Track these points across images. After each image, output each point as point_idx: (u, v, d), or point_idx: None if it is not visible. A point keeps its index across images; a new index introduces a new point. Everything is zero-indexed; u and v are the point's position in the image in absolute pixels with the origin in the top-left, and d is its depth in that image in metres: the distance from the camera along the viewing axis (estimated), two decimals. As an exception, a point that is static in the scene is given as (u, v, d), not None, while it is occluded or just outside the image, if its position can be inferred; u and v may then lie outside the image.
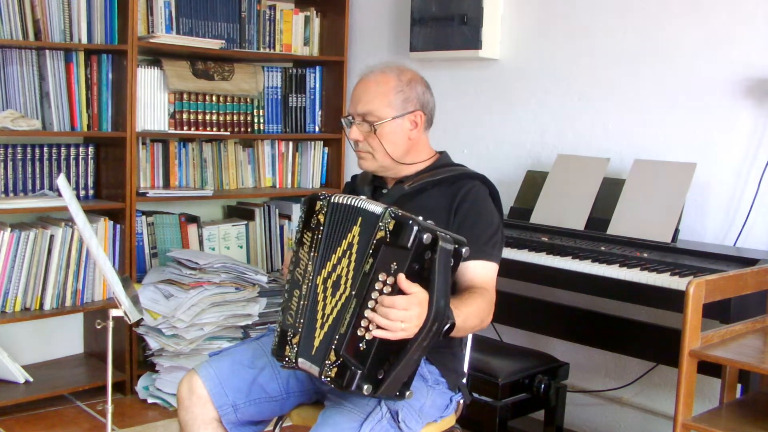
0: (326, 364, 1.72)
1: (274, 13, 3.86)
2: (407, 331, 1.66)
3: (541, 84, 3.30)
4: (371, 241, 1.73)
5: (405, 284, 1.66)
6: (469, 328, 1.89)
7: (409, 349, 1.69)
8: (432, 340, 1.71)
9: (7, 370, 3.25)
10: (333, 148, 4.05)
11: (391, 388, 1.72)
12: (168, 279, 3.32)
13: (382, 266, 1.70)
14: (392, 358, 1.69)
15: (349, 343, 1.70)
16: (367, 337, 1.68)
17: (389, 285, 1.68)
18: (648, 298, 2.45)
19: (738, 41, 2.74)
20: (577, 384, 3.19)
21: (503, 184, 2.71)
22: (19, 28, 3.13)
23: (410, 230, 1.66)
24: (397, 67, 2.11)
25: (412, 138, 2.09)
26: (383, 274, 1.69)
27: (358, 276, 1.74)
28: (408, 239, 1.66)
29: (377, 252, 1.71)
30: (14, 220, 3.27)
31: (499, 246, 2.03)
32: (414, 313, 1.65)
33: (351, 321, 1.71)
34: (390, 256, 1.69)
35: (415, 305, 1.65)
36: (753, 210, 2.71)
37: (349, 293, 1.74)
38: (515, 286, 2.95)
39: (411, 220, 1.68)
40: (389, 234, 1.70)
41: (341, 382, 1.69)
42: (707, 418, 2.09)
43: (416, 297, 1.66)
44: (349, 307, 1.73)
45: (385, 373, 1.69)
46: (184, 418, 2.01)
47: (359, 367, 1.68)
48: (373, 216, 1.75)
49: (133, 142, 3.35)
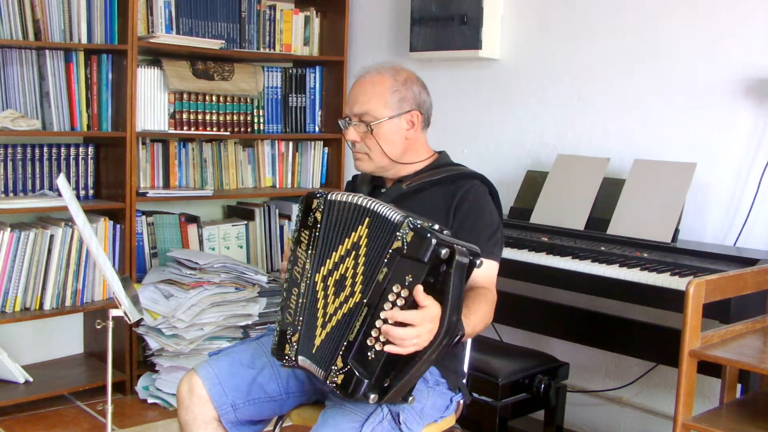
0: (332, 370, 1.72)
1: (274, 13, 3.86)
2: (419, 346, 1.65)
3: (541, 84, 3.30)
4: (387, 249, 1.70)
5: (421, 297, 1.64)
6: (475, 334, 1.89)
7: (417, 362, 1.68)
8: (441, 352, 1.70)
9: (7, 370, 3.25)
10: (333, 148, 4.05)
11: (396, 395, 1.72)
12: (168, 279, 3.32)
13: (396, 277, 1.67)
14: (399, 368, 1.68)
15: (358, 352, 1.69)
16: (377, 347, 1.67)
17: (403, 298, 1.66)
18: (648, 298, 2.45)
19: (738, 41, 2.74)
20: (577, 384, 3.19)
21: (503, 184, 2.71)
22: (19, 28, 3.13)
23: (428, 244, 1.63)
24: (393, 67, 2.11)
25: (410, 138, 2.09)
26: (398, 285, 1.66)
27: (371, 283, 1.72)
28: (426, 253, 1.63)
29: (392, 262, 1.68)
30: (14, 220, 3.27)
31: (499, 245, 2.03)
32: (426, 329, 1.64)
33: (361, 330, 1.69)
34: (405, 267, 1.66)
35: (427, 321, 1.64)
36: (753, 210, 2.71)
37: (359, 299, 1.73)
38: (515, 286, 2.95)
39: (429, 233, 1.64)
40: (406, 245, 1.67)
41: (347, 389, 1.69)
42: (707, 418, 2.09)
43: (429, 312, 1.64)
44: (359, 315, 1.71)
45: (391, 382, 1.68)
46: (184, 418, 2.01)
47: (366, 376, 1.67)
48: (389, 222, 1.73)
49: (133, 142, 3.35)
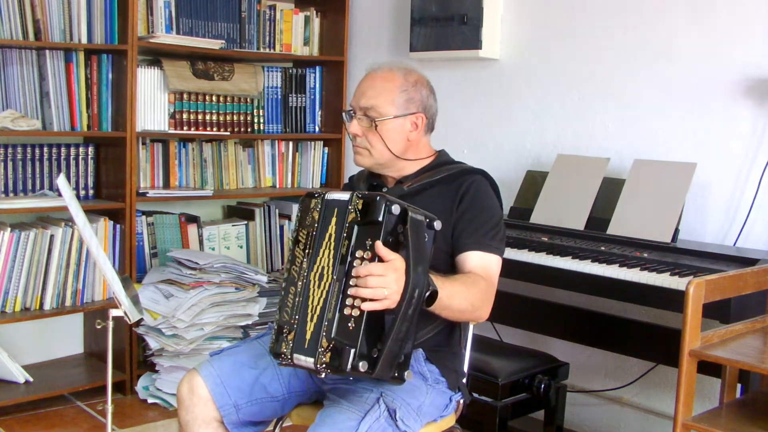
0: (319, 352, 1.74)
1: (274, 13, 3.86)
2: (390, 298, 1.68)
3: (541, 84, 3.30)
4: (344, 225, 1.78)
5: (383, 251, 1.69)
6: (456, 309, 1.87)
7: (396, 320, 1.70)
8: (416, 308, 1.73)
9: (7, 370, 3.25)
10: (333, 148, 4.05)
11: (387, 366, 1.73)
12: (168, 279, 3.32)
13: (358, 245, 1.75)
14: (383, 334, 1.71)
15: (339, 326, 1.72)
16: (354, 314, 1.70)
17: (367, 260, 1.72)
18: (648, 298, 2.45)
19: (738, 41, 2.74)
20: (577, 384, 3.19)
21: (503, 184, 2.70)
22: (19, 28, 3.13)
23: (379, 205, 1.72)
24: (405, 67, 2.12)
25: (411, 139, 2.10)
26: (360, 251, 1.74)
27: (338, 261, 1.78)
28: (378, 213, 1.72)
29: (351, 233, 1.76)
30: (14, 220, 3.27)
31: (500, 238, 2.03)
32: (392, 278, 1.68)
33: (336, 304, 1.74)
34: (364, 234, 1.74)
35: (391, 271, 1.68)
36: (753, 210, 2.71)
37: (332, 279, 1.77)
38: (515, 286, 2.95)
39: (378, 196, 1.74)
40: (359, 213, 1.76)
41: (336, 363, 1.70)
42: (707, 418, 2.09)
43: (393, 264, 1.69)
44: (333, 293, 1.76)
45: (378, 351, 1.71)
46: (185, 418, 2.01)
47: (352, 345, 1.69)
48: (343, 203, 1.80)
49: (133, 142, 3.35)
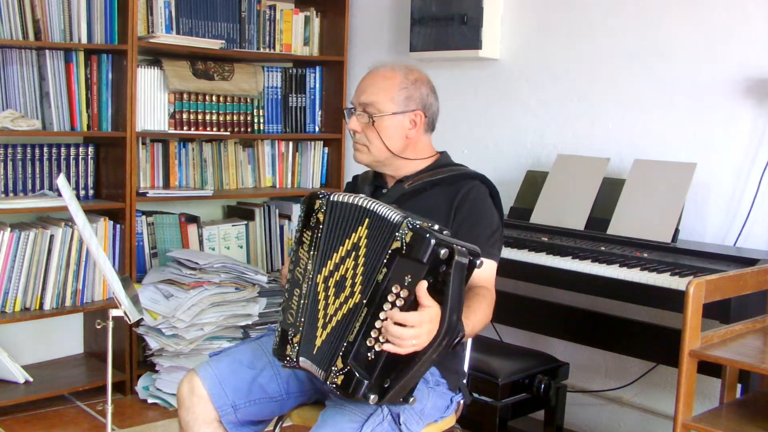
0: (332, 371, 1.72)
1: (274, 13, 3.86)
2: (418, 346, 1.64)
3: (541, 84, 3.30)
4: (386, 250, 1.70)
5: (423, 296, 1.63)
6: (474, 334, 1.89)
7: (417, 362, 1.67)
8: (441, 353, 1.69)
9: (7, 370, 3.25)
10: (333, 148, 4.05)
11: (396, 396, 1.71)
12: (168, 279, 3.32)
13: (396, 278, 1.67)
14: (399, 368, 1.67)
15: (358, 352, 1.69)
16: (376, 348, 1.67)
17: (402, 298, 1.66)
18: (648, 298, 2.45)
19: (738, 41, 2.74)
20: (577, 384, 3.19)
21: (503, 184, 2.71)
22: (19, 28, 3.13)
23: (427, 244, 1.62)
24: (407, 66, 2.13)
25: (410, 137, 2.10)
26: (397, 286, 1.66)
27: (370, 284, 1.72)
28: (425, 254, 1.63)
29: (392, 263, 1.68)
30: (14, 220, 3.27)
31: (498, 244, 2.04)
32: (425, 330, 1.63)
33: (361, 330, 1.69)
34: (404, 268, 1.66)
35: (426, 322, 1.63)
36: (753, 210, 2.71)
37: (359, 300, 1.73)
38: (515, 286, 2.95)
39: (428, 233, 1.63)
40: (405, 245, 1.66)
41: (347, 390, 1.69)
42: (707, 418, 2.09)
43: (428, 313, 1.63)
44: (359, 315, 1.71)
45: (391, 382, 1.68)
46: (185, 418, 2.01)
47: (366, 377, 1.67)
48: (388, 223, 1.73)
49: (133, 142, 3.35)
